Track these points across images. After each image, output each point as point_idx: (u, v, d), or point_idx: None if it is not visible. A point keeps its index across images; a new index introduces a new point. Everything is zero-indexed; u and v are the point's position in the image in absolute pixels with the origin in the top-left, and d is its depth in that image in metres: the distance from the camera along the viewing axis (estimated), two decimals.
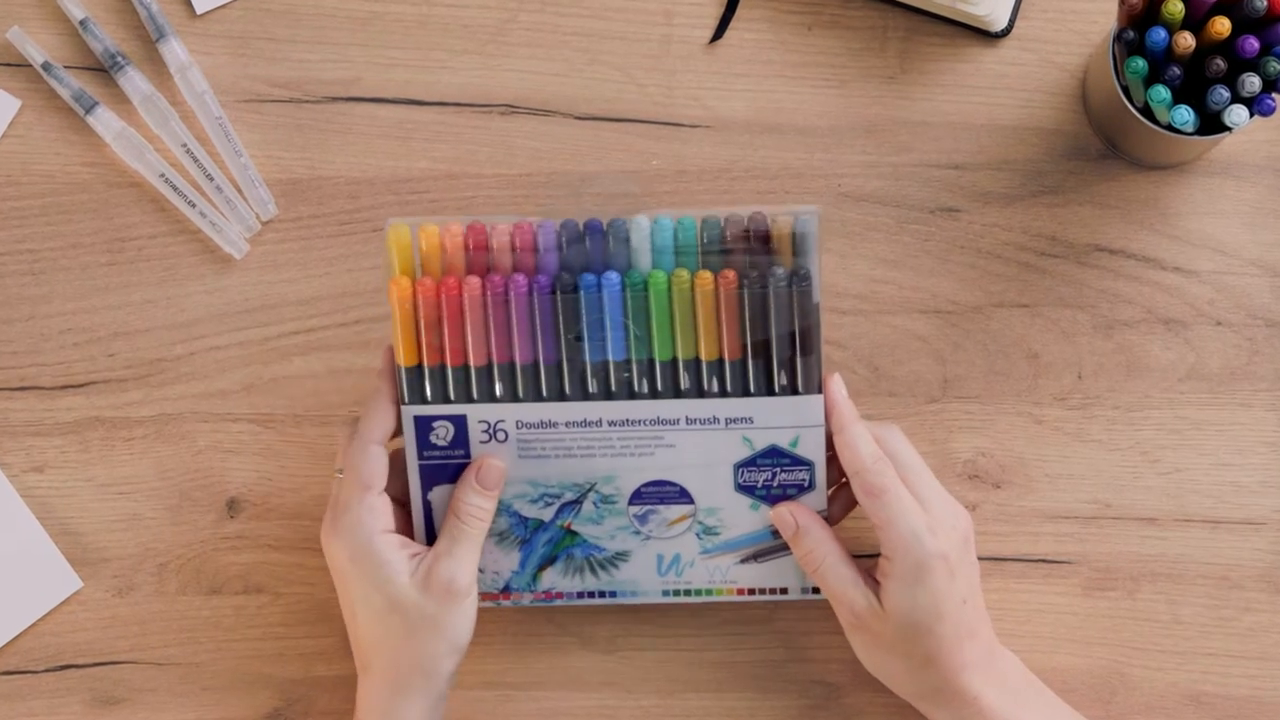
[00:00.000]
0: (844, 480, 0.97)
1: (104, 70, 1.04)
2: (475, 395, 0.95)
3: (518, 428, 0.95)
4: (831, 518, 0.97)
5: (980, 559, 1.00)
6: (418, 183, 1.03)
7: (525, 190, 1.03)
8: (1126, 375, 1.03)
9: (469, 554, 0.93)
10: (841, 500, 0.98)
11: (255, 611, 1.03)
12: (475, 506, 0.94)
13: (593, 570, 0.99)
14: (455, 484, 0.95)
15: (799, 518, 0.95)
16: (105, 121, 1.03)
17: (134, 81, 1.03)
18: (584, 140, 1.04)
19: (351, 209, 1.04)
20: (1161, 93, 0.93)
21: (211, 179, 1.03)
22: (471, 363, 0.94)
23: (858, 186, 1.03)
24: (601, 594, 0.99)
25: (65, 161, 1.04)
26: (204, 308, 1.04)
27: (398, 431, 0.95)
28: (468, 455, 0.96)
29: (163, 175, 1.03)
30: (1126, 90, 0.96)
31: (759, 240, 0.93)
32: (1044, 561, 1.02)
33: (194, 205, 1.03)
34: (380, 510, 0.92)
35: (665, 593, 0.99)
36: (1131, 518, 1.03)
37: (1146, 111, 0.96)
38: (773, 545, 0.98)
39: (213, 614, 1.03)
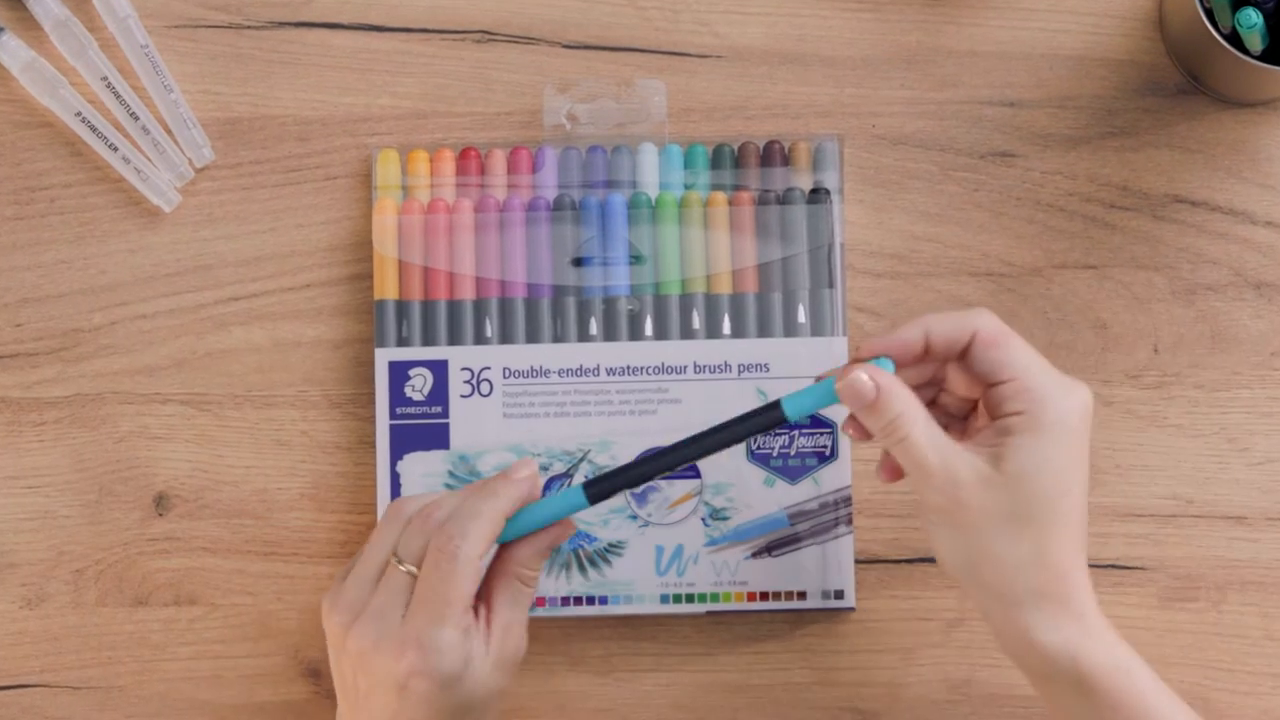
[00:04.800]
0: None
1: None
2: (460, 338, 0.97)
3: (504, 377, 0.97)
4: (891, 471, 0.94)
5: None
6: (378, 122, 1.02)
7: (504, 131, 1.02)
8: (1211, 348, 1.01)
9: (527, 615, 0.91)
10: (889, 465, 0.92)
11: (187, 626, 1.01)
12: (536, 574, 0.91)
13: (581, 566, 0.98)
14: (517, 543, 0.90)
15: (878, 379, 0.85)
16: (12, 50, 1.02)
17: (45, 4, 1.02)
18: (573, 73, 1.02)
19: (301, 153, 1.02)
20: (1252, 17, 0.91)
21: (136, 118, 1.02)
22: (459, 297, 0.98)
23: (895, 127, 1.02)
24: (591, 600, 0.98)
25: None
26: (128, 269, 1.02)
27: None
28: (445, 414, 0.98)
29: (79, 114, 1.01)
30: (1211, 14, 0.94)
31: (775, 161, 0.98)
32: (1114, 567, 1.00)
33: (116, 149, 1.02)
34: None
35: (665, 598, 0.98)
36: (1217, 516, 1.01)
37: (1234, 39, 0.94)
38: (788, 534, 0.98)
39: (138, 629, 1.01)
